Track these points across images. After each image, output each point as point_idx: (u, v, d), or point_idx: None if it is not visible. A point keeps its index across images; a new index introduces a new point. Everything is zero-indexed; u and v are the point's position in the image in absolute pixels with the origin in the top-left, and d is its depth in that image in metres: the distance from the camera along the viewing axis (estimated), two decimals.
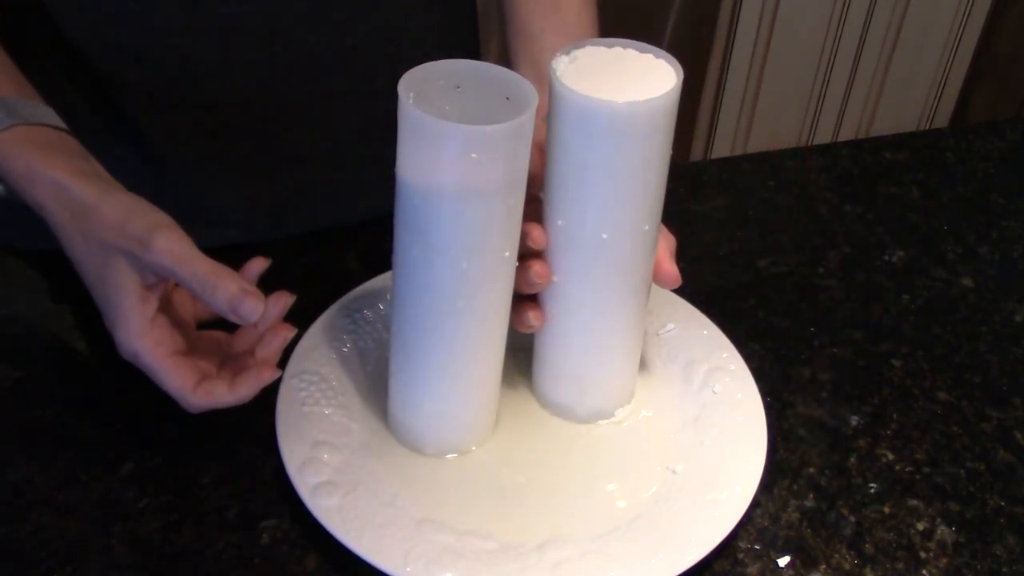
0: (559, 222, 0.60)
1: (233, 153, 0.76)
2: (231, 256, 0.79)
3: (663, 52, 0.59)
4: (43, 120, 0.59)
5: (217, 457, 0.62)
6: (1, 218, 0.74)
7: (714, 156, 1.84)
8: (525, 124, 0.53)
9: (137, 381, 0.67)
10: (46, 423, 0.64)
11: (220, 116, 0.73)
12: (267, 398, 0.62)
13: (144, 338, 0.56)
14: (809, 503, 0.63)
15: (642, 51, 0.59)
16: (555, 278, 0.62)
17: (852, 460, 0.66)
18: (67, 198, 0.56)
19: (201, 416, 0.58)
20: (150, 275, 0.56)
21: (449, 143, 0.52)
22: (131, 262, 0.56)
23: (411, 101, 0.53)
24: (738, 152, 1.84)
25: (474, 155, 0.52)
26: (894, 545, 0.61)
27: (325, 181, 0.80)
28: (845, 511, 0.63)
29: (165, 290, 0.58)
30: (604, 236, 0.59)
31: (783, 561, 0.60)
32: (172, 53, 0.69)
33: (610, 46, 0.60)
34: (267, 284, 0.75)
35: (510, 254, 0.58)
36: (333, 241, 0.79)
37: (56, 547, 0.57)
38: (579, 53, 0.59)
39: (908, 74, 1.85)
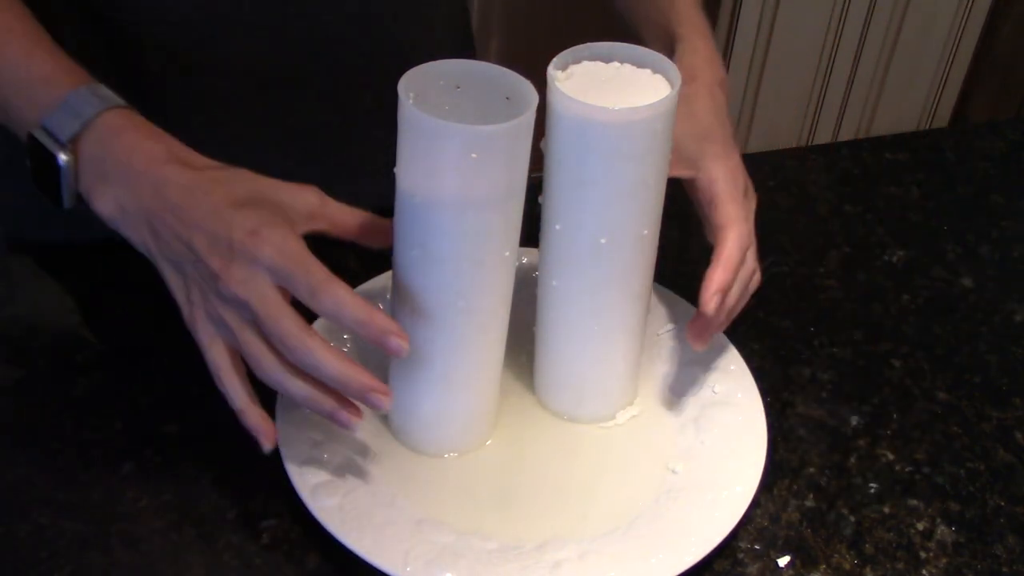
0: (557, 227, 0.60)
1: (244, 121, 0.76)
2: None
3: (662, 57, 0.59)
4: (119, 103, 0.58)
5: (217, 457, 0.62)
6: (18, 209, 0.74)
7: None
8: (525, 124, 0.53)
9: (137, 381, 0.67)
10: (46, 423, 0.64)
11: (234, 82, 0.73)
12: (267, 398, 0.62)
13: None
14: (809, 503, 0.63)
15: (640, 64, 0.60)
16: (554, 282, 0.62)
17: (852, 460, 0.66)
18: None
19: (201, 416, 0.58)
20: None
21: (449, 143, 0.52)
22: None
23: (411, 101, 0.53)
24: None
25: (474, 155, 0.52)
26: (894, 545, 0.61)
27: (331, 158, 0.80)
28: (845, 511, 0.63)
29: None
30: (602, 241, 0.59)
31: (783, 561, 0.60)
32: (193, 11, 0.69)
33: (607, 60, 0.60)
34: None
35: (510, 254, 0.58)
36: (333, 241, 0.79)
37: (56, 547, 0.57)
38: (576, 69, 0.59)
39: (908, 74, 1.85)
